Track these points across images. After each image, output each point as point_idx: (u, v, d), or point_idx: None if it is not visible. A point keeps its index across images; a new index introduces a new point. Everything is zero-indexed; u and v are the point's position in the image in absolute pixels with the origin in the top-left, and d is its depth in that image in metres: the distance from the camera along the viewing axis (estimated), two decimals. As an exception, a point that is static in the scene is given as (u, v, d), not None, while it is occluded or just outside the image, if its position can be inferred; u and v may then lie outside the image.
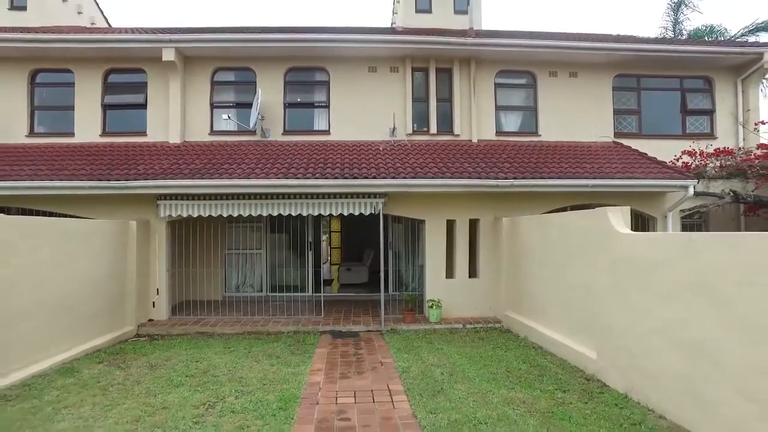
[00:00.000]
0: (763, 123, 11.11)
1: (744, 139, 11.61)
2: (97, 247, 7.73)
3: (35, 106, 11.24)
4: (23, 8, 13.54)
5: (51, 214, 8.96)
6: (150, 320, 9.08)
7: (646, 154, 10.50)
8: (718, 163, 10.33)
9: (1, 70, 10.96)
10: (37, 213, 9.03)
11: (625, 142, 11.35)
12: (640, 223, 10.26)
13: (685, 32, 18.42)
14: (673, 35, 18.75)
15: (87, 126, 11.08)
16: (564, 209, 9.44)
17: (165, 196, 8.99)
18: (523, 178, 8.89)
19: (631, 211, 9.75)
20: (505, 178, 8.82)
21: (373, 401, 4.93)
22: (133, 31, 12.15)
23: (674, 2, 18.67)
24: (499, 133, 11.34)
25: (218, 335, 8.27)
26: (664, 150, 10.99)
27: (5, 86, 10.98)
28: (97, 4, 16.71)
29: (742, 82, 11.70)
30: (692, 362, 4.13)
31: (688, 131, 11.82)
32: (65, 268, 6.84)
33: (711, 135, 11.71)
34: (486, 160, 9.84)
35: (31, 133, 11.13)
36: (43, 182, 8.73)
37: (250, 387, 5.33)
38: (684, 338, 4.23)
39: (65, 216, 8.76)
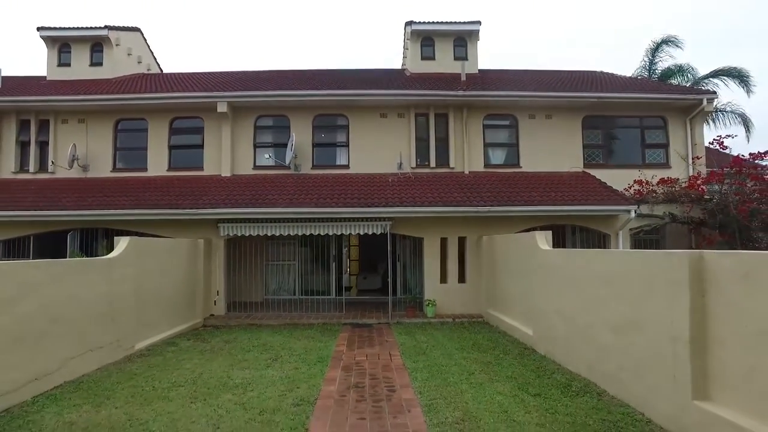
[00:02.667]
0: (698, 158, 13.48)
1: (693, 168, 13.94)
2: (179, 258, 10.53)
3: (117, 148, 14.23)
4: (100, 64, 16.63)
5: (134, 234, 11.79)
6: (211, 315, 11.83)
7: (605, 183, 12.94)
8: (661, 191, 12.71)
9: (94, 121, 14.00)
10: (121, 233, 11.86)
11: (594, 171, 13.75)
12: (599, 239, 12.69)
13: (658, 71, 20.86)
14: (648, 73, 21.19)
15: (157, 162, 14.00)
16: (535, 228, 11.94)
17: (223, 220, 11.80)
18: (498, 205, 11.49)
19: (591, 229, 12.32)
20: (484, 205, 11.43)
21: (378, 358, 7.54)
22: (191, 82, 15.15)
23: (652, 47, 21.23)
24: (487, 165, 13.90)
25: (265, 326, 10.93)
26: (627, 178, 13.36)
27: (97, 133, 13.99)
28: (152, 54, 19.81)
29: (690, 121, 14.05)
30: (567, 327, 6.70)
31: (647, 161, 14.17)
32: (163, 272, 9.62)
33: (666, 165, 14.05)
34: (473, 189, 12.43)
35: (114, 168, 14.08)
36: (136, 210, 11.64)
37: (297, 351, 7.98)
38: (565, 313, 6.80)
39: (147, 235, 11.60)
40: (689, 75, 20.24)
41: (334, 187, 12.56)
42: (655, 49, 21.10)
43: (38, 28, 15.80)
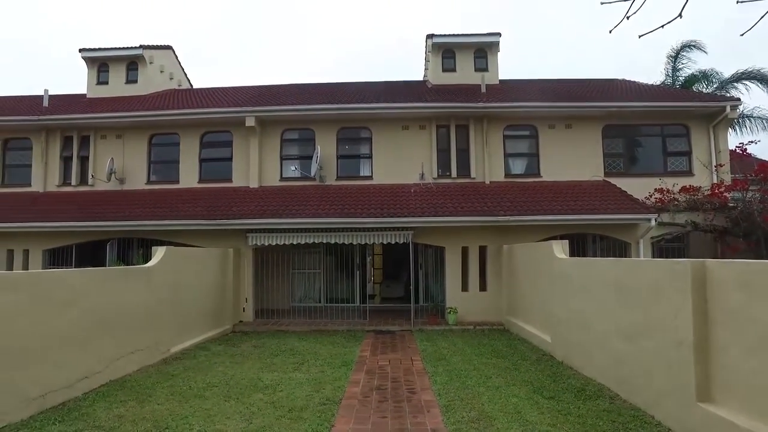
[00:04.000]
0: (722, 166, 13.44)
1: (716, 176, 13.88)
2: (210, 267, 11.08)
3: (152, 161, 14.96)
4: (135, 81, 17.50)
5: (167, 243, 12.40)
6: (240, 321, 12.33)
7: (625, 192, 13.03)
8: (683, 199, 12.73)
9: (130, 136, 14.78)
10: (155, 242, 12.48)
11: (615, 180, 13.83)
12: (620, 248, 12.76)
13: (682, 78, 20.75)
14: (671, 81, 21.08)
15: (188, 175, 14.67)
16: (555, 237, 12.10)
17: (252, 230, 12.32)
18: (519, 214, 11.72)
19: (612, 238, 12.41)
20: (504, 215, 11.68)
21: (400, 363, 7.87)
22: (220, 97, 15.84)
23: (673, 54, 21.16)
24: (507, 175, 14.13)
25: (292, 332, 11.36)
26: (648, 186, 13.37)
27: (133, 147, 14.76)
28: (183, 70, 20.68)
29: (713, 128, 14.04)
30: (583, 333, 6.90)
31: (669, 169, 14.18)
32: (195, 280, 10.15)
33: (689, 173, 14.04)
34: (494, 198, 12.69)
35: (148, 181, 14.81)
36: (169, 221, 12.28)
37: (322, 356, 8.37)
38: (581, 320, 7.01)
39: (179, 245, 12.20)
40: (714, 80, 20.06)
41: (357, 197, 12.97)
42: (676, 55, 21.00)
43: (80, 50, 16.80)
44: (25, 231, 12.99)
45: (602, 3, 2.72)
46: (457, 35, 16.43)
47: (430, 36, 16.69)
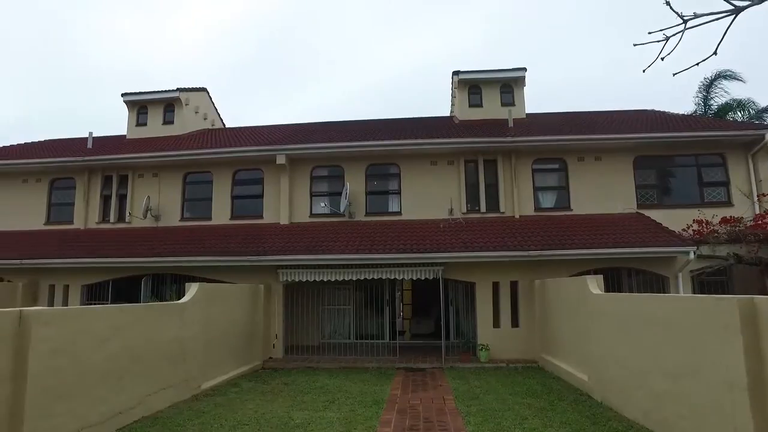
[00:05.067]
0: (764, 195, 12.99)
1: (758, 206, 13.40)
2: (241, 303, 11.17)
3: (186, 198, 15.39)
4: (171, 122, 18.21)
5: (200, 278, 12.57)
6: (270, 358, 12.30)
7: (660, 224, 12.68)
8: (724, 231, 12.30)
9: (166, 174, 15.29)
10: (188, 278, 12.66)
11: (648, 212, 13.49)
12: (657, 282, 12.34)
13: (714, 107, 20.40)
14: (703, 110, 20.75)
15: (220, 212, 15.00)
16: (589, 272, 11.80)
17: (282, 266, 12.42)
18: (550, 248, 11.51)
19: (648, 272, 12.03)
20: (536, 249, 11.48)
21: (432, 402, 7.67)
22: (251, 136, 16.32)
23: (706, 84, 20.89)
24: (537, 209, 13.97)
25: (322, 369, 11.26)
26: (685, 218, 13.00)
27: (168, 185, 15.25)
28: (216, 110, 21.45)
29: (752, 156, 13.64)
30: (622, 372, 6.62)
31: (706, 200, 13.76)
32: (227, 316, 10.24)
33: (727, 203, 13.60)
34: (524, 233, 12.53)
35: (182, 218, 15.20)
36: (202, 257, 12.50)
37: (353, 394, 8.24)
38: (619, 358, 6.74)
39: (211, 280, 12.37)
40: (750, 109, 19.63)
41: (387, 233, 13.00)
42: (710, 85, 20.72)
43: (122, 94, 17.68)
44: (66, 267, 13.42)
45: (635, 45, 2.72)
46: (483, 71, 16.63)
47: (456, 72, 16.96)
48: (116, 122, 47.11)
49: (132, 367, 6.75)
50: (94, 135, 17.34)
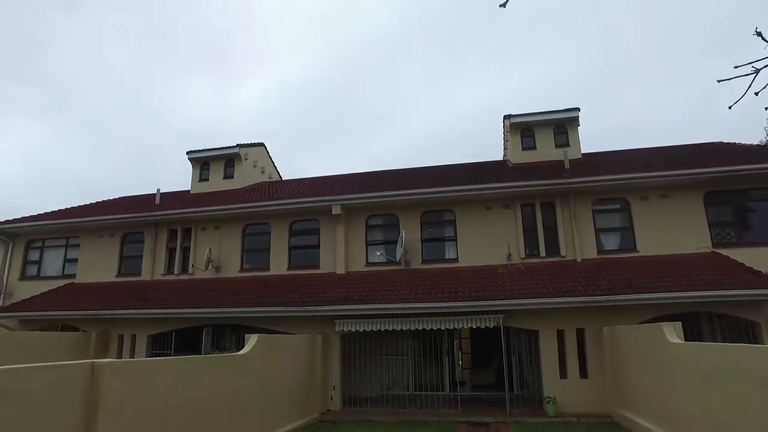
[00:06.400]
0: None
1: None
2: (298, 354, 11.14)
3: (245, 250, 15.84)
4: (231, 177, 19.08)
5: (259, 328, 12.70)
6: (328, 410, 12.07)
7: (742, 264, 11.73)
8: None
9: (227, 227, 15.88)
10: (247, 328, 12.81)
11: (726, 251, 12.54)
12: (745, 328, 11.28)
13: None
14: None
15: (278, 262, 15.29)
16: (663, 318, 10.98)
17: (339, 316, 12.37)
18: (617, 293, 10.86)
19: (732, 317, 11.07)
20: (602, 294, 10.87)
21: (500, 462, 7.18)
22: (307, 187, 16.77)
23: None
24: (600, 251, 13.35)
25: (380, 422, 10.90)
26: (769, 257, 11.99)
27: (228, 237, 15.80)
28: (273, 164, 22.30)
29: (840, 189, 12.57)
30: (708, 430, 5.95)
31: (794, 237, 12.68)
32: (285, 367, 10.21)
33: (820, 239, 12.47)
34: (588, 277, 11.94)
35: (242, 269, 15.60)
36: (260, 308, 12.69)
37: (415, 451, 7.86)
38: (707, 416, 6.10)
39: (270, 330, 12.46)
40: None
41: (444, 281, 12.76)
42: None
43: (187, 152, 18.80)
44: (133, 317, 13.96)
45: (719, 81, 2.58)
46: (535, 113, 16.51)
47: (507, 116, 16.93)
48: (186, 177, 49.93)
49: (194, 418, 6.77)
50: (163, 190, 18.39)
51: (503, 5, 2.34)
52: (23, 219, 17.63)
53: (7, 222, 17.37)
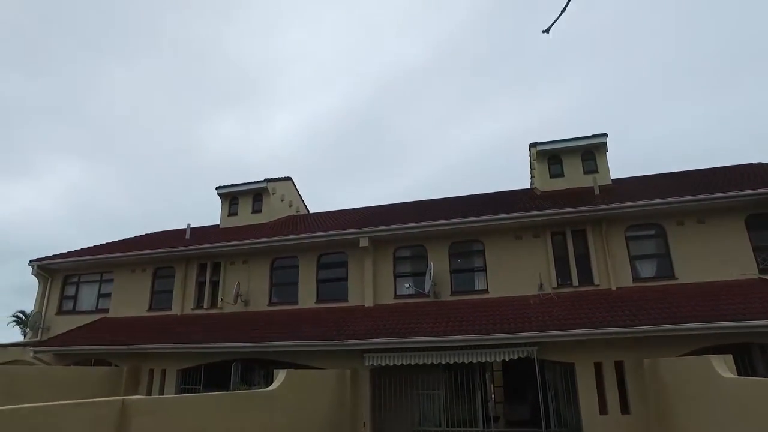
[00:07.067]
0: None
1: None
2: (327, 389, 10.97)
3: (273, 283, 15.88)
4: (259, 211, 19.32)
5: (287, 363, 12.55)
6: (358, 448, 11.76)
7: (792, 291, 11.13)
8: None
9: (255, 261, 15.99)
10: (276, 362, 12.64)
11: (773, 278, 11.94)
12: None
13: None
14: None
15: (306, 295, 15.24)
16: (708, 349, 10.41)
17: (368, 350, 12.16)
18: (656, 323, 10.39)
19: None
20: (640, 324, 10.42)
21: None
22: (334, 220, 16.83)
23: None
24: (636, 279, 12.87)
25: (412, 461, 10.54)
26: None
27: (257, 271, 15.89)
28: (300, 197, 22.52)
29: None
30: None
31: None
32: (313, 403, 10.04)
33: None
34: (624, 307, 11.50)
35: (270, 302, 15.60)
36: (288, 342, 12.61)
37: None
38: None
39: (298, 365, 12.30)
40: None
41: (474, 312, 12.48)
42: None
43: (216, 188, 19.20)
44: (163, 352, 14.02)
45: None
46: (561, 140, 16.33)
47: (533, 144, 16.80)
48: (215, 211, 51.10)
49: (223, 458, 6.65)
50: (194, 225, 18.73)
51: (546, 31, 2.31)
52: (61, 255, 18.16)
53: (46, 258, 17.92)
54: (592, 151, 16.17)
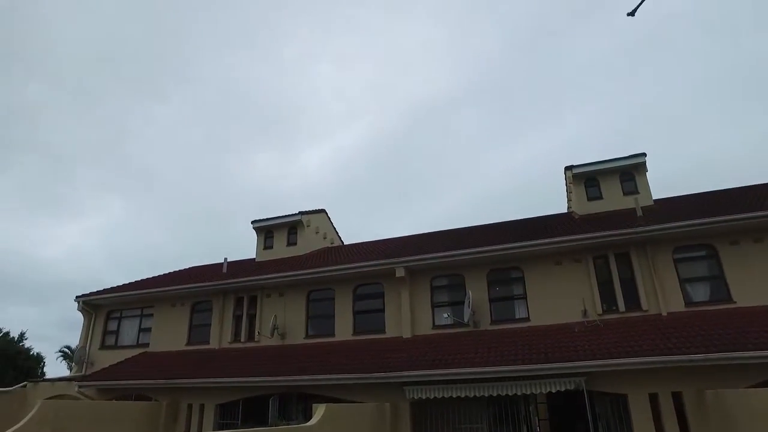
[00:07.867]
0: None
1: None
2: (368, 424, 10.65)
3: (309, 316, 15.78)
4: (294, 244, 19.42)
5: (325, 396, 12.29)
6: (401, 487, 11.29)
7: None
8: None
9: (291, 293, 15.98)
10: (314, 396, 12.42)
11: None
12: None
13: None
14: None
15: (343, 328, 15.06)
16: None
17: (408, 383, 11.81)
18: (717, 351, 9.70)
19: None
20: (698, 353, 9.76)
21: None
22: (369, 251, 16.72)
23: None
24: (688, 304, 12.18)
25: (458, 501, 10.03)
26: None
27: (293, 304, 15.85)
28: (335, 229, 22.58)
29: None
30: None
31: None
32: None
33: None
34: (677, 333, 10.85)
35: (307, 335, 15.47)
36: (325, 375, 12.37)
37: None
38: None
39: (335, 398, 12.05)
40: None
41: (516, 341, 12.03)
42: None
43: (252, 222, 19.46)
44: (201, 386, 13.97)
45: None
46: (598, 162, 15.98)
47: (569, 168, 16.45)
48: (251, 244, 52.04)
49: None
50: (230, 258, 18.96)
51: (631, 14, 2.24)
52: (104, 291, 18.64)
53: (91, 294, 18.40)
54: (630, 171, 15.71)
